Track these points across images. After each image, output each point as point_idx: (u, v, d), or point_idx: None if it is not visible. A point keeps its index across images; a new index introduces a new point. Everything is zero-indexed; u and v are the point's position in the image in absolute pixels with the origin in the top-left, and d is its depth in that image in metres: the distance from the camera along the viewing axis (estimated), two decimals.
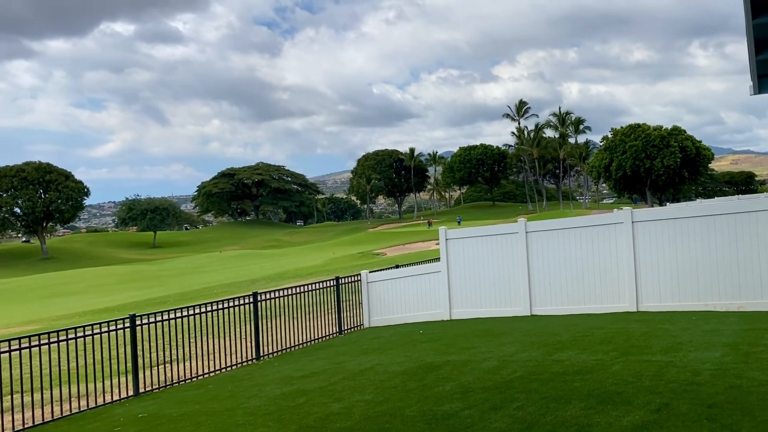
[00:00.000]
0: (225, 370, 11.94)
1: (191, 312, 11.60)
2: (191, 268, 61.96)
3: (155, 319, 11.12)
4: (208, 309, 12.02)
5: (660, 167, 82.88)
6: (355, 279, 15.82)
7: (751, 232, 11.39)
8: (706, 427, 5.42)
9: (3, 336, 12.40)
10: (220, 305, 12.29)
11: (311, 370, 10.42)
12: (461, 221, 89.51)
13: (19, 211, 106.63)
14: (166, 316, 11.27)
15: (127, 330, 10.69)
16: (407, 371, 9.09)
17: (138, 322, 10.79)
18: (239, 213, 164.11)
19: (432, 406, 7.05)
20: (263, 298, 13.24)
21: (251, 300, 12.87)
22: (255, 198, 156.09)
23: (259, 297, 13.05)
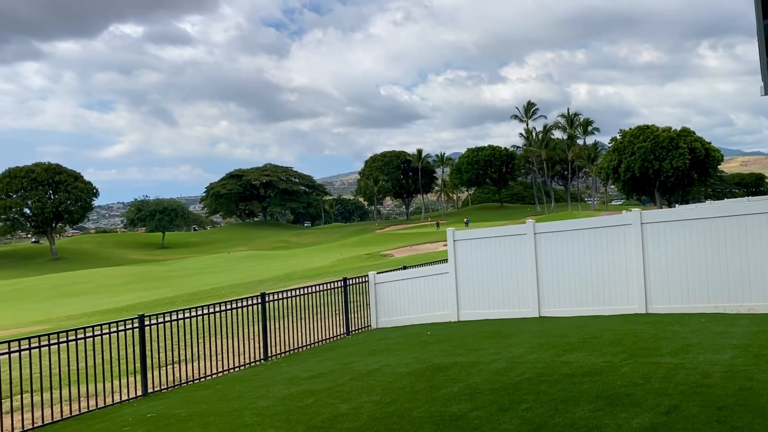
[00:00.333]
0: (233, 370, 11.97)
1: (200, 312, 11.64)
2: (199, 268, 62.16)
3: (164, 319, 11.16)
4: (217, 309, 12.06)
5: (669, 169, 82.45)
6: (363, 280, 15.82)
7: (761, 234, 11.30)
8: (716, 430, 5.39)
9: (13, 336, 12.48)
10: (229, 306, 12.32)
11: (319, 370, 10.43)
12: (469, 222, 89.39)
13: (28, 211, 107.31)
14: (174, 316, 11.31)
15: (136, 330, 10.74)
16: (415, 372, 9.08)
17: (147, 323, 10.83)
18: (247, 214, 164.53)
19: (440, 408, 7.04)
20: (271, 298, 13.26)
21: (259, 301, 12.89)
22: (263, 199, 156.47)
23: (267, 298, 13.07)
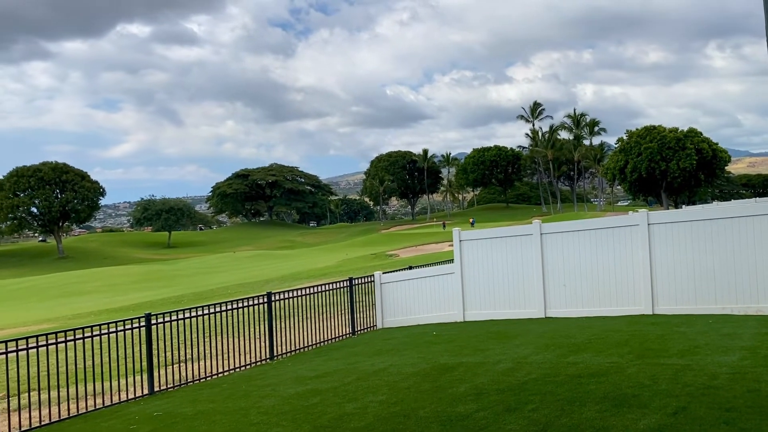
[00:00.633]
0: (239, 369, 11.99)
1: (206, 311, 11.66)
2: (205, 268, 62.29)
3: (170, 318, 11.19)
4: (223, 309, 12.09)
5: (676, 169, 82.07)
6: (369, 280, 15.82)
7: None
8: (723, 431, 5.37)
9: (20, 334, 12.54)
10: (235, 305, 12.34)
11: (325, 370, 10.44)
12: (475, 223, 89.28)
13: (35, 210, 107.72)
14: (180, 315, 11.33)
15: (143, 329, 10.75)
16: (421, 372, 9.08)
17: (153, 321, 10.86)
18: (253, 214, 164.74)
19: (446, 407, 7.03)
20: (277, 298, 13.28)
21: (265, 300, 12.91)
22: (269, 199, 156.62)
23: (273, 297, 13.09)
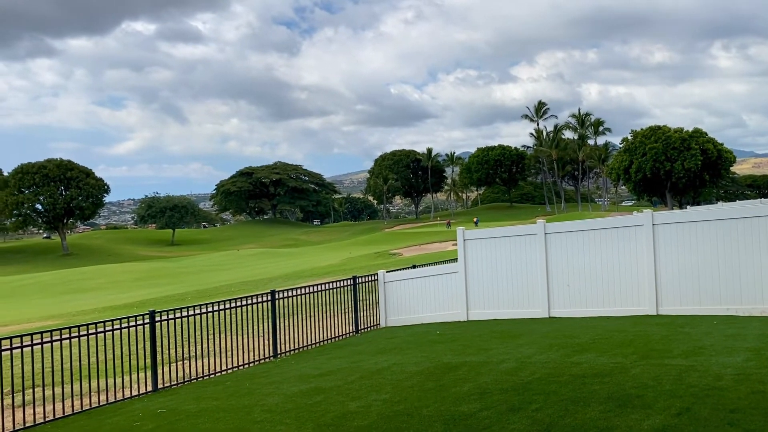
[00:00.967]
0: (242, 367, 12.01)
1: (209, 309, 11.67)
2: (209, 265, 62.40)
3: (174, 315, 11.21)
4: (227, 306, 12.11)
5: (680, 170, 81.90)
6: (372, 279, 15.83)
7: None
8: None
9: (25, 330, 12.57)
10: (238, 303, 12.36)
11: (328, 368, 10.44)
12: (479, 222, 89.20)
13: (40, 207, 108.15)
14: (184, 312, 11.35)
15: (147, 326, 10.77)
16: (424, 371, 9.08)
17: (157, 319, 10.88)
18: (257, 212, 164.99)
19: (449, 407, 7.03)
20: (281, 296, 13.29)
21: (269, 298, 12.93)
22: (272, 197, 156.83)
23: (276, 295, 13.11)
